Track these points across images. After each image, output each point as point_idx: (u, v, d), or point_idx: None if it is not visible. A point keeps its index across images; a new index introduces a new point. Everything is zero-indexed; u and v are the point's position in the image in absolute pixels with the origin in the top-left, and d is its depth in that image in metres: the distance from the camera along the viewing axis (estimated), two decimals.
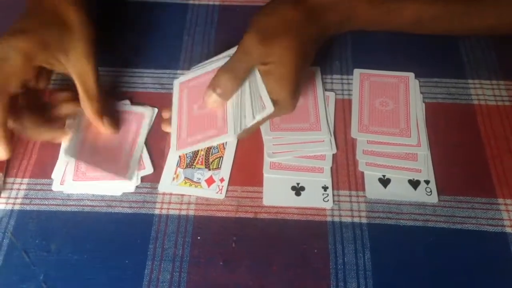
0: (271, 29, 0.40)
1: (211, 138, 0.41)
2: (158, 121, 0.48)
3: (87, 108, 0.43)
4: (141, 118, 0.48)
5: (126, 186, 0.44)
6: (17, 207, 0.44)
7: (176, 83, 0.46)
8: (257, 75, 0.41)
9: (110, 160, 0.45)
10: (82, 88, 0.42)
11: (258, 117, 0.40)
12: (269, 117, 0.41)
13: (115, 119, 0.46)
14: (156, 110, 0.49)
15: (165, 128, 0.46)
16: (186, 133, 0.43)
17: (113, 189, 0.44)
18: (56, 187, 0.44)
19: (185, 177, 0.45)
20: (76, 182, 0.44)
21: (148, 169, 0.46)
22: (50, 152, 0.46)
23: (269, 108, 0.40)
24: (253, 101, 0.40)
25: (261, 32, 0.40)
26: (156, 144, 0.47)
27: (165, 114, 0.47)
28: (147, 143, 0.47)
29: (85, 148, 0.45)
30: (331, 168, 0.46)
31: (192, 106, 0.44)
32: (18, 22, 0.41)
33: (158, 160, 0.46)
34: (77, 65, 0.41)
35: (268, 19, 0.41)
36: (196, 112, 0.43)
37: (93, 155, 0.44)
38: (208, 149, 0.47)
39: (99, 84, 0.43)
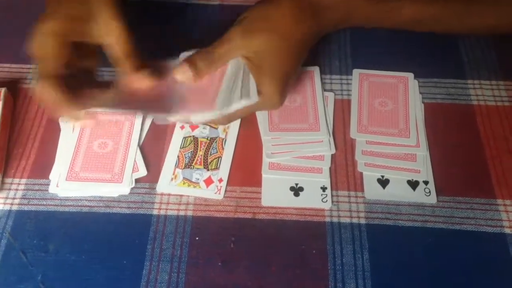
0: (255, 24, 0.41)
1: (199, 111, 0.41)
2: (155, 123, 0.48)
3: (125, 66, 0.41)
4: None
5: (121, 189, 0.44)
6: (15, 207, 0.43)
7: (182, 56, 0.44)
8: (246, 67, 0.42)
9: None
10: (116, 48, 0.41)
11: (242, 104, 0.40)
12: (255, 108, 0.42)
13: (156, 70, 0.44)
14: None
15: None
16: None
17: (107, 192, 0.44)
18: (52, 189, 0.44)
19: (183, 178, 0.45)
20: (69, 182, 0.44)
21: (141, 171, 0.45)
22: (48, 152, 0.46)
23: (254, 97, 0.41)
24: (243, 88, 0.41)
25: (245, 26, 0.41)
26: (155, 144, 0.47)
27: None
28: (143, 144, 0.47)
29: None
30: (330, 168, 0.46)
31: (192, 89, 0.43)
32: (46, 8, 0.41)
33: (156, 161, 0.46)
34: (107, 28, 0.41)
35: (256, 14, 0.42)
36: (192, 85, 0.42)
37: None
38: (207, 149, 0.47)
39: (133, 43, 0.42)
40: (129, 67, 0.41)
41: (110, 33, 0.41)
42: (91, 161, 0.45)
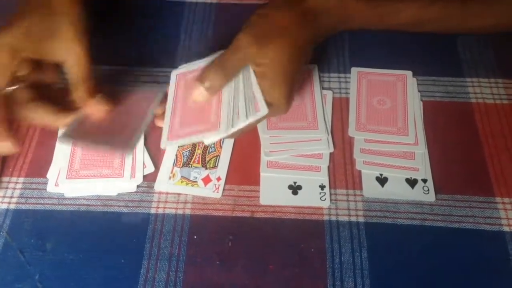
0: (265, 31, 0.40)
1: (202, 133, 0.40)
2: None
3: (78, 90, 0.41)
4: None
5: (127, 186, 0.44)
6: (12, 206, 0.43)
7: (174, 73, 0.46)
8: (252, 76, 0.41)
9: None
10: (74, 70, 0.41)
11: (251, 119, 0.40)
12: (263, 118, 0.41)
13: (112, 97, 0.44)
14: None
15: (158, 123, 0.45)
16: (179, 125, 0.42)
17: (112, 189, 0.44)
18: (51, 188, 0.44)
19: (181, 176, 0.45)
20: (69, 181, 0.44)
21: (149, 168, 0.45)
22: (46, 151, 0.46)
23: (263, 110, 0.40)
24: (247, 102, 0.40)
25: (254, 33, 0.40)
26: (153, 143, 0.47)
27: (158, 110, 0.46)
28: (146, 142, 0.47)
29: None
30: (328, 167, 0.46)
31: (187, 98, 0.43)
32: (8, 18, 0.41)
33: (154, 159, 0.46)
34: (65, 49, 0.40)
35: (263, 21, 0.41)
36: (191, 104, 0.43)
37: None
38: (205, 148, 0.47)
39: (90, 67, 0.41)
40: (84, 91, 0.41)
41: (69, 55, 0.41)
42: (90, 157, 0.45)
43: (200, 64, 0.44)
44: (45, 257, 0.41)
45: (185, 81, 0.45)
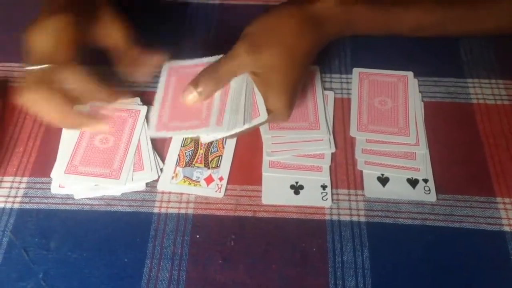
0: (262, 39, 0.40)
1: (193, 129, 0.40)
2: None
3: (126, 59, 0.43)
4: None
5: (117, 186, 0.44)
6: (16, 205, 0.44)
7: (166, 66, 0.45)
8: (252, 82, 0.41)
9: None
10: (120, 44, 0.43)
11: (250, 124, 0.40)
12: (263, 123, 0.42)
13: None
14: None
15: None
16: (167, 117, 0.42)
17: (120, 189, 0.44)
18: (55, 189, 0.44)
19: (184, 176, 0.45)
20: (67, 176, 0.44)
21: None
22: (50, 151, 0.47)
23: (263, 116, 0.40)
24: (247, 107, 0.40)
25: (251, 42, 0.40)
26: (156, 143, 0.47)
27: None
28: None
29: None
30: (330, 167, 0.46)
31: (178, 92, 0.43)
32: (45, 7, 0.41)
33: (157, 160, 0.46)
34: (112, 28, 0.43)
35: (261, 28, 0.41)
36: (181, 100, 0.42)
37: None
38: (208, 148, 0.47)
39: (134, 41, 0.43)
40: (125, 61, 0.43)
41: (114, 33, 0.42)
42: (91, 155, 0.45)
43: (194, 62, 0.44)
44: (49, 256, 0.41)
45: (177, 76, 0.45)
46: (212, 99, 0.42)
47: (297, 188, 0.45)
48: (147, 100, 0.49)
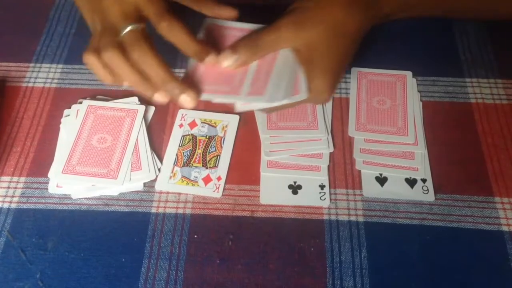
0: (308, 13, 0.39)
1: (230, 94, 0.40)
2: (154, 121, 0.48)
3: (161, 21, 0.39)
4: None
5: (115, 186, 0.44)
6: (13, 205, 0.44)
7: (206, 23, 0.44)
8: (295, 59, 0.40)
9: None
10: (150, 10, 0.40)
11: (289, 101, 0.39)
12: (301, 103, 0.41)
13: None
14: (151, 107, 0.49)
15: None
16: (203, 79, 0.41)
17: (117, 189, 0.44)
18: (52, 189, 0.44)
19: (182, 176, 0.45)
20: (65, 175, 0.44)
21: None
22: (47, 151, 0.47)
23: (303, 94, 0.39)
24: (289, 82, 0.39)
25: (297, 15, 0.39)
26: (153, 142, 0.47)
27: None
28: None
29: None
30: (328, 166, 0.46)
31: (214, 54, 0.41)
32: None
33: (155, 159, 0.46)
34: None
35: (309, 2, 0.40)
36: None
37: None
38: (206, 148, 0.47)
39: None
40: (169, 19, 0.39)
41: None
42: (89, 155, 0.45)
43: (236, 25, 0.44)
44: (46, 256, 0.41)
45: (217, 35, 0.44)
46: (252, 67, 0.41)
47: (295, 188, 0.45)
48: (145, 99, 0.49)
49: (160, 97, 0.39)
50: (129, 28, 0.38)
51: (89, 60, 0.38)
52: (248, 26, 0.44)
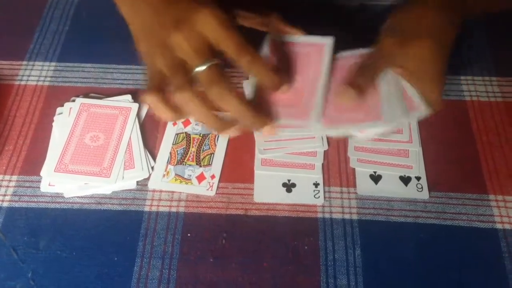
0: (408, 31, 0.40)
1: (361, 123, 0.41)
2: (148, 119, 0.48)
3: (242, 56, 0.37)
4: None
5: (107, 185, 0.44)
6: (5, 204, 0.43)
7: (246, 83, 0.48)
8: (400, 78, 0.41)
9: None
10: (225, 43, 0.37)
11: (415, 116, 0.40)
12: (423, 115, 0.41)
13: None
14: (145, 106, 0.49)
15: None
16: (332, 109, 0.42)
17: (110, 188, 0.44)
18: (44, 187, 0.44)
19: (175, 174, 0.45)
20: (57, 174, 0.44)
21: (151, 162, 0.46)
22: (40, 149, 0.46)
23: (422, 108, 0.40)
24: (398, 100, 0.41)
25: (397, 34, 0.40)
26: (147, 141, 0.47)
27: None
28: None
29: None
30: (323, 164, 0.46)
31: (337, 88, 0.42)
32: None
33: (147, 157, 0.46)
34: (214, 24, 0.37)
35: (404, 22, 0.41)
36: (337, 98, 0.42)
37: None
38: (199, 146, 0.47)
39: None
40: (249, 54, 0.38)
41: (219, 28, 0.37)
42: (82, 154, 0.45)
43: (297, 39, 0.45)
44: (38, 255, 0.41)
45: (281, 50, 0.45)
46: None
47: (289, 186, 0.45)
48: (139, 97, 0.49)
49: (235, 132, 0.40)
50: (206, 66, 0.35)
51: (152, 100, 0.36)
52: (310, 40, 0.45)
